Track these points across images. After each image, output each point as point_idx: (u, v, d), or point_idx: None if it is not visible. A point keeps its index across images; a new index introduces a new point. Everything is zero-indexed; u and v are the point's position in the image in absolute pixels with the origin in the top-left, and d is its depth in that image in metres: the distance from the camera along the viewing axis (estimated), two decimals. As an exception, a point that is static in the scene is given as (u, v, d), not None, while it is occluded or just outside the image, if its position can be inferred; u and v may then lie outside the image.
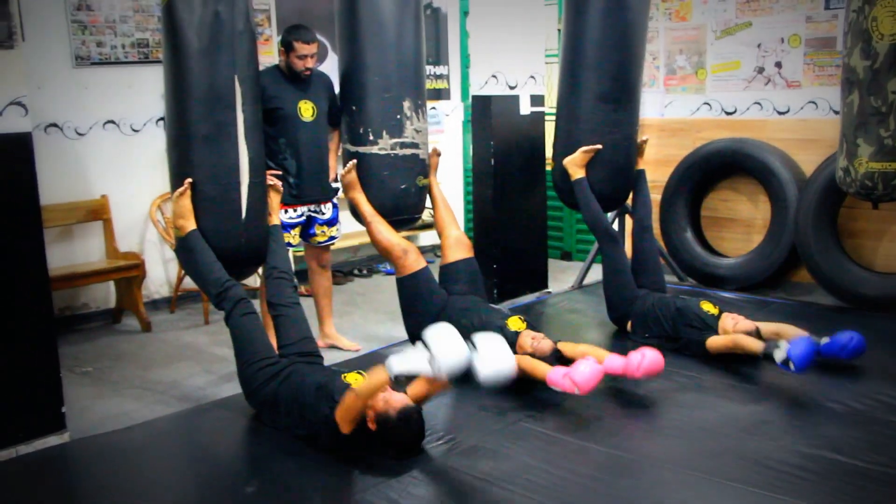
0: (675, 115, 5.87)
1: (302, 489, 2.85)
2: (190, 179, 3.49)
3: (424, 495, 2.76)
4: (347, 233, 5.66)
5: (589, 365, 3.30)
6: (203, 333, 4.86)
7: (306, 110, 4.17)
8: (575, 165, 4.40)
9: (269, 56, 5.67)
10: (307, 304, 3.91)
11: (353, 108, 4.09)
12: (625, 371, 3.38)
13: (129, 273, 4.99)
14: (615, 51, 4.30)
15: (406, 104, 4.08)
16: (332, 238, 4.45)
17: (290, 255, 4.34)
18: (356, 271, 6.46)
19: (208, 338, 4.75)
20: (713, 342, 3.87)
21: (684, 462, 2.92)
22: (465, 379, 3.02)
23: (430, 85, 6.61)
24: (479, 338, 2.99)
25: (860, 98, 4.03)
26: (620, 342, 4.31)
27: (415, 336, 4.12)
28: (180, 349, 4.59)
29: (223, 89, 3.50)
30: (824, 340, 3.69)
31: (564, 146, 4.46)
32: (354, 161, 4.09)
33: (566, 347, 3.70)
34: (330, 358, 4.03)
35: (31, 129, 3.20)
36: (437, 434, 3.16)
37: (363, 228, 4.21)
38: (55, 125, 4.98)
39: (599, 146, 4.35)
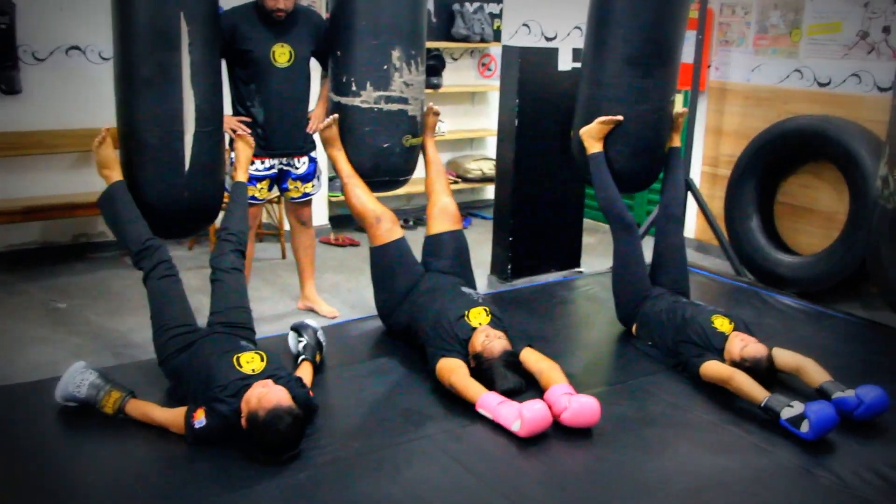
0: (762, 81, 5.03)
1: (121, 485, 2.54)
2: (107, 127, 3.22)
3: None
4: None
5: (544, 410, 2.80)
6: (198, 277, 4.63)
7: (281, 55, 3.76)
8: (591, 137, 3.78)
9: (314, -10, 5.28)
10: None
11: (338, 53, 3.67)
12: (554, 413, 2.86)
13: (141, 206, 4.85)
14: (649, 6, 3.59)
15: (395, 53, 3.61)
16: (308, 194, 4.10)
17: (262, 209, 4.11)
18: (402, 222, 6.07)
19: (200, 282, 4.52)
20: (708, 369, 3.22)
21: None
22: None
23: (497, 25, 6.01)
24: None
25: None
26: (622, 345, 3.75)
27: (383, 313, 3.73)
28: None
29: (167, 27, 3.17)
30: (847, 394, 2.98)
31: (585, 114, 3.83)
32: (336, 116, 3.68)
33: (530, 356, 3.19)
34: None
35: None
36: (326, 437, 2.77)
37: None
38: (77, 48, 4.84)
39: (620, 118, 3.70)
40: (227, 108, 3.77)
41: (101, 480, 2.56)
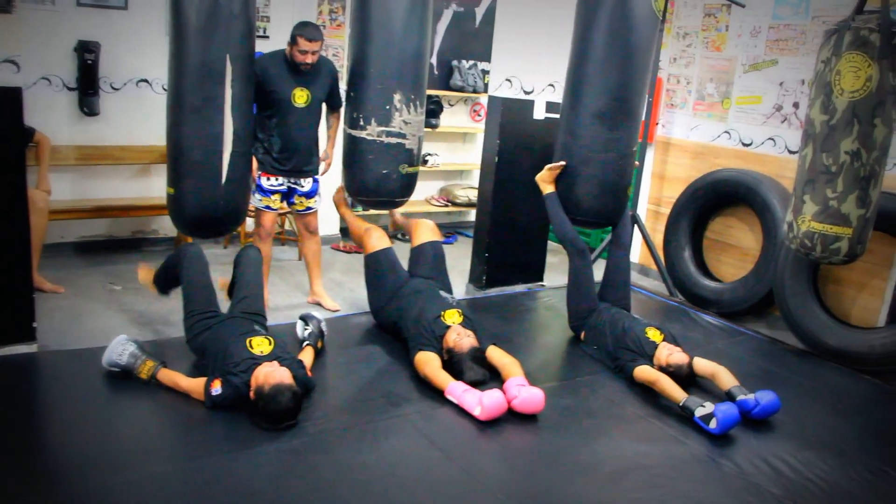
0: (698, 138, 4.98)
1: (149, 439, 2.48)
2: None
3: (248, 473, 2.29)
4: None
5: (500, 398, 2.72)
6: (227, 273, 4.54)
7: (300, 97, 3.72)
8: (543, 181, 3.69)
9: (339, 39, 5.22)
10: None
11: (352, 94, 3.59)
12: (508, 400, 2.77)
13: (187, 211, 4.77)
14: (616, 71, 3.50)
15: (397, 97, 3.52)
16: (310, 208, 4.05)
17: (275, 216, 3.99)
18: (398, 236, 5.99)
19: (228, 276, 4.44)
20: (639, 372, 3.15)
21: (510, 495, 2.31)
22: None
23: (486, 79, 5.95)
24: None
25: (813, 153, 3.07)
26: (571, 348, 3.67)
27: (374, 310, 3.66)
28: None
29: (214, 65, 3.09)
30: (748, 397, 2.93)
31: (560, 158, 3.72)
32: (342, 185, 3.63)
33: (494, 353, 3.11)
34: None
35: (21, 85, 2.88)
36: (319, 411, 2.69)
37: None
38: (145, 80, 4.77)
39: (563, 163, 3.60)
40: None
41: (133, 433, 2.49)
